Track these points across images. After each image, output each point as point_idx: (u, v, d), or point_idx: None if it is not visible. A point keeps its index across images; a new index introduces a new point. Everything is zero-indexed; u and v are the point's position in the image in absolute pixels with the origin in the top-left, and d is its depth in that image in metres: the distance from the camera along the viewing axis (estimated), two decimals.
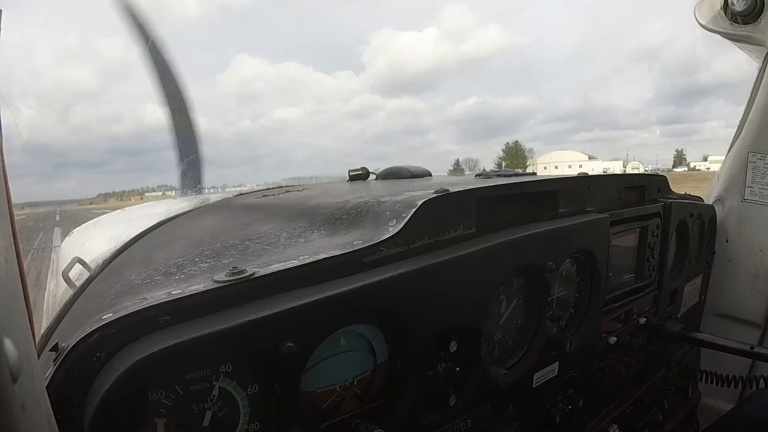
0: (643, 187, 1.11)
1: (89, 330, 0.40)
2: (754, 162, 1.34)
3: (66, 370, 0.39)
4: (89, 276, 0.71)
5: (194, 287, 0.46)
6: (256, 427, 0.48)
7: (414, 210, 0.60)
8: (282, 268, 0.50)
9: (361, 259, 0.55)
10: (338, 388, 0.55)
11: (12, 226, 0.34)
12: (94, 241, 1.22)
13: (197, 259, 0.59)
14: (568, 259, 0.83)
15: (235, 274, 0.47)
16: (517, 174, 1.04)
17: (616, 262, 0.97)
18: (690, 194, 1.35)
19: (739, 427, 1.09)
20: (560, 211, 0.83)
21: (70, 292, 0.68)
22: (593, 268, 0.86)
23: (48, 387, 0.37)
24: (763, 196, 1.34)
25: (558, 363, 0.80)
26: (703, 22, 1.28)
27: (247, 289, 0.47)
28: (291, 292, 0.49)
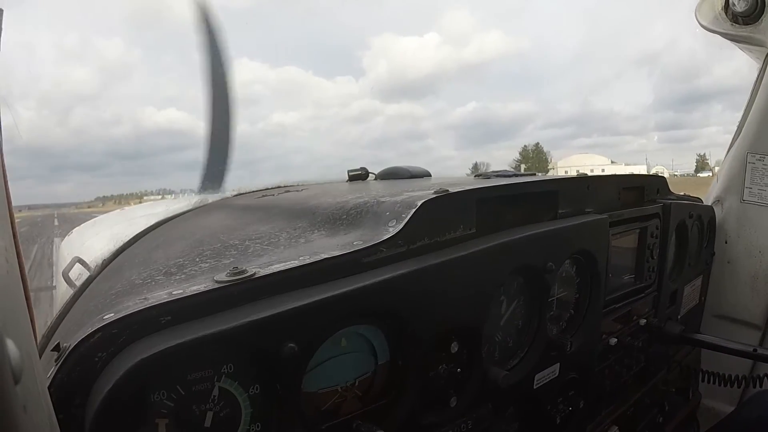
0: (643, 188, 1.11)
1: (91, 330, 0.40)
2: (753, 163, 1.34)
3: (68, 371, 0.39)
4: (90, 276, 0.71)
5: (195, 287, 0.46)
6: (258, 427, 0.48)
7: (414, 210, 0.60)
8: (283, 269, 0.50)
9: (362, 260, 0.55)
10: (339, 389, 0.55)
11: (12, 227, 0.34)
12: (94, 241, 1.22)
13: (198, 259, 0.59)
14: (568, 260, 0.83)
15: (235, 275, 0.47)
16: (517, 174, 1.04)
17: (616, 263, 0.97)
18: (689, 195, 1.35)
19: (740, 429, 1.09)
20: (560, 211, 0.83)
21: (71, 291, 0.68)
22: (593, 269, 0.86)
23: (50, 387, 0.37)
24: (762, 197, 1.34)
25: (559, 364, 0.80)
26: (704, 23, 1.28)
27: (248, 290, 0.47)
28: (292, 293, 0.49)
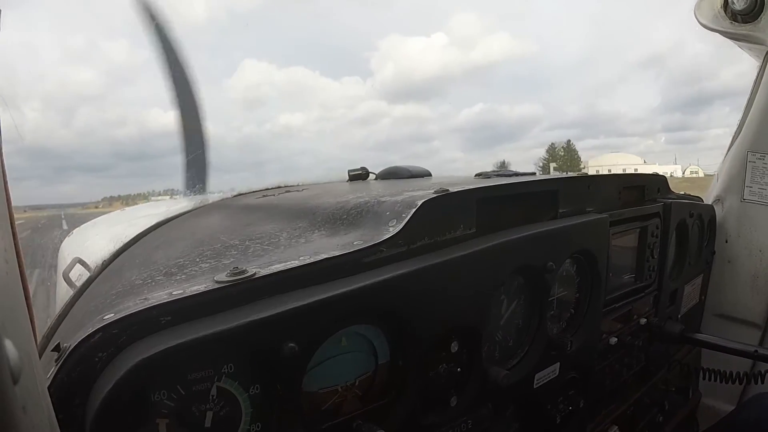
0: (643, 187, 1.11)
1: (91, 330, 0.40)
2: (754, 162, 1.34)
3: (68, 371, 0.39)
4: (90, 276, 0.71)
5: (195, 287, 0.46)
6: (258, 427, 0.48)
7: (414, 210, 0.60)
8: (283, 269, 0.50)
9: (362, 260, 0.55)
10: (340, 389, 0.55)
11: (12, 227, 0.34)
12: (94, 242, 1.22)
13: (198, 259, 0.59)
14: (568, 260, 0.83)
15: (236, 275, 0.47)
16: (517, 174, 1.04)
17: (616, 262, 0.97)
18: (689, 194, 1.35)
19: (739, 429, 1.09)
20: (560, 211, 0.83)
21: (71, 292, 0.68)
22: (593, 269, 0.86)
23: (50, 387, 0.37)
24: (762, 196, 1.34)
25: (559, 364, 0.80)
26: (703, 21, 1.28)
27: (248, 290, 0.47)
28: (292, 293, 0.49)
